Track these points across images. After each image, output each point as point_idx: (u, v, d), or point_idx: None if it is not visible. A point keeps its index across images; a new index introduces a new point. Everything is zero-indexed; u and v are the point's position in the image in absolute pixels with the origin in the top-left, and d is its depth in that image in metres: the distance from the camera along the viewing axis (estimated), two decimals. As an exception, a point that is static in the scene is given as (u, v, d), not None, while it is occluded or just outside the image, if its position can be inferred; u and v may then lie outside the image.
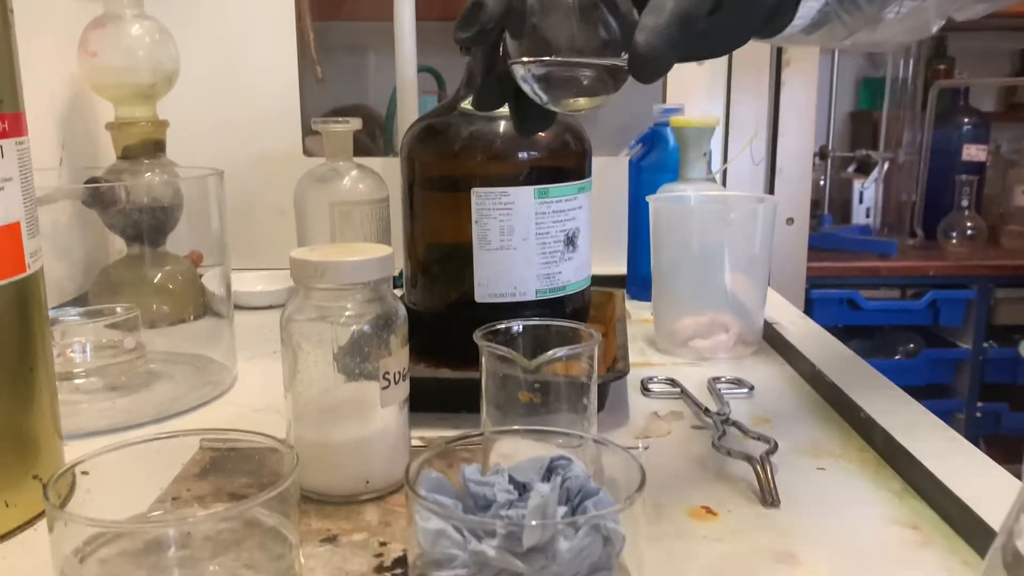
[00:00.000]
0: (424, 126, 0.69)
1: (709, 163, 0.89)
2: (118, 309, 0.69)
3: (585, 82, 0.44)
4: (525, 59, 0.44)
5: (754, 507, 0.48)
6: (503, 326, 0.51)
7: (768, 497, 0.48)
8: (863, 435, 0.58)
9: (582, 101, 0.46)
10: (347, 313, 0.47)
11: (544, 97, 0.45)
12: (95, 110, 0.99)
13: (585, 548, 0.36)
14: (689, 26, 0.39)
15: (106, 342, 0.68)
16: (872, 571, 0.42)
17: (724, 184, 1.14)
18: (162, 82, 0.85)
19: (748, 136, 1.12)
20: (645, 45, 0.38)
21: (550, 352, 0.47)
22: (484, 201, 0.65)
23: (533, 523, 0.35)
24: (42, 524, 0.46)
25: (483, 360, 0.49)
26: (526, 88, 0.45)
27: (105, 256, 0.82)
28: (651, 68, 0.39)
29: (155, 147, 0.85)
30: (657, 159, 0.94)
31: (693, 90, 1.12)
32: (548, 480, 0.39)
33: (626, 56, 0.40)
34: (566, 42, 0.43)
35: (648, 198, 0.78)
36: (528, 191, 0.65)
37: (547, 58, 0.43)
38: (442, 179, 0.69)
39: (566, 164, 0.68)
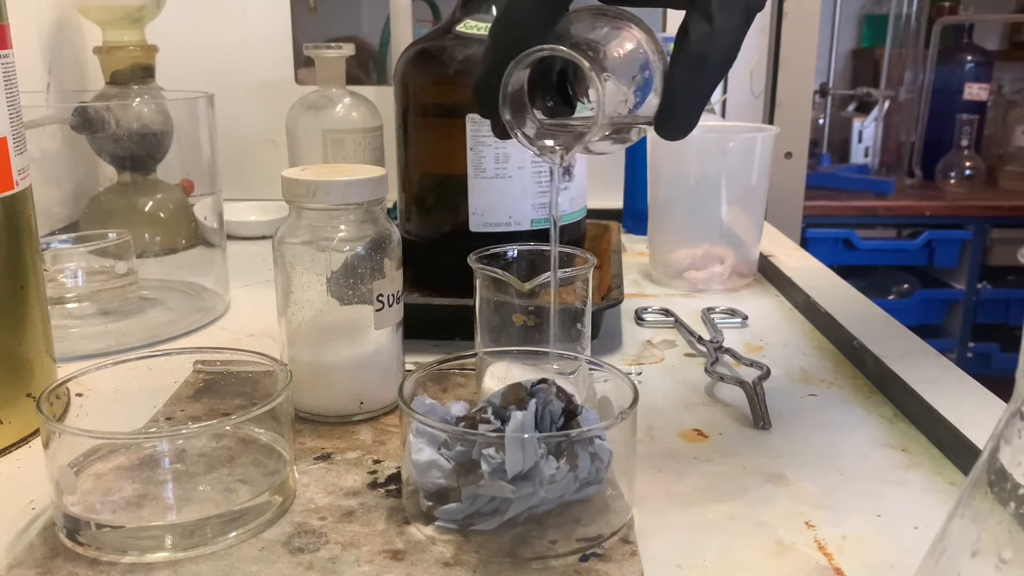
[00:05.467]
0: (418, 50, 0.68)
1: (708, 94, 0.87)
2: (110, 235, 0.68)
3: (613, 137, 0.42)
4: (555, 147, 0.40)
5: (745, 430, 0.48)
6: (498, 250, 0.51)
7: (760, 420, 0.49)
8: (855, 362, 0.58)
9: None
10: (340, 235, 0.47)
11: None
12: (83, 34, 0.97)
13: (568, 472, 0.36)
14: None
15: (98, 268, 0.68)
16: (860, 490, 0.42)
17: (723, 117, 1.13)
18: (150, 5, 0.83)
19: (748, 67, 1.11)
20: (676, 132, 0.39)
21: (544, 274, 0.47)
22: (479, 128, 0.64)
23: (512, 456, 0.35)
24: (37, 442, 0.46)
25: (477, 284, 0.49)
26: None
27: (95, 184, 0.81)
28: (683, 134, 0.40)
29: (144, 72, 0.83)
30: (655, 90, 0.92)
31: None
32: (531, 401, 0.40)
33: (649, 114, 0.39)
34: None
35: (645, 128, 0.77)
36: (524, 118, 0.64)
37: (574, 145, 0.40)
38: (436, 105, 0.68)
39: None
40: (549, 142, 0.40)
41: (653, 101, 0.39)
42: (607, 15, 0.40)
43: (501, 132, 0.40)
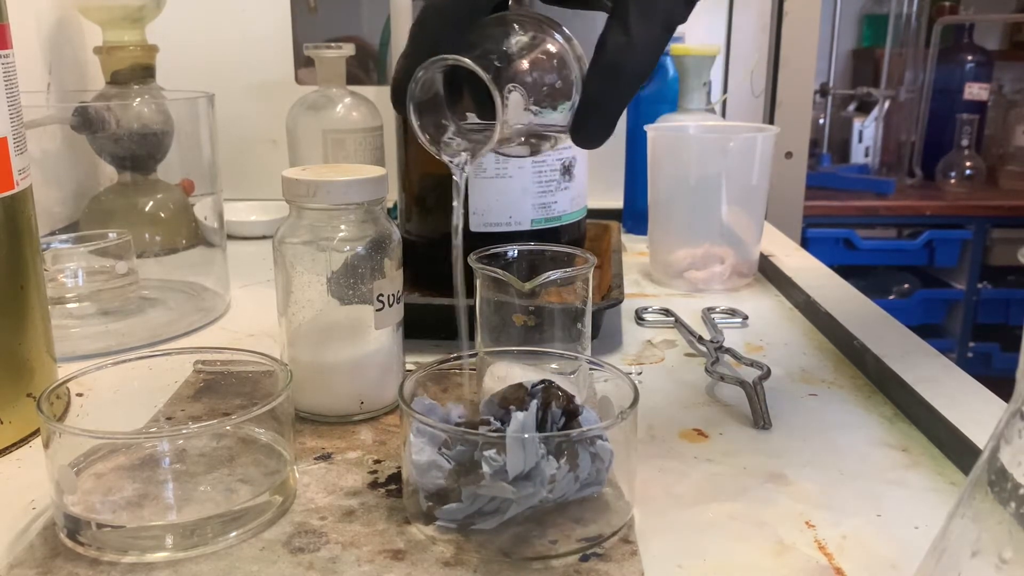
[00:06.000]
0: (419, 50, 0.68)
1: (708, 94, 0.88)
2: (110, 235, 0.68)
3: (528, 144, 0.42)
4: (460, 152, 0.41)
5: (745, 430, 0.48)
6: (498, 250, 0.51)
7: (760, 420, 0.49)
8: (856, 362, 0.58)
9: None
10: (340, 235, 0.47)
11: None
12: (83, 34, 0.97)
13: (569, 472, 0.36)
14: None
15: (98, 268, 0.68)
16: (860, 490, 0.42)
17: (723, 116, 1.13)
18: (151, 5, 0.83)
19: (748, 67, 1.11)
20: (590, 141, 0.40)
21: (545, 274, 0.47)
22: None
23: (513, 456, 0.35)
24: (38, 442, 0.46)
25: (478, 284, 0.49)
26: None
27: (96, 184, 0.81)
28: (598, 143, 0.40)
29: (144, 72, 0.83)
30: (656, 89, 0.92)
31: (694, 19, 1.09)
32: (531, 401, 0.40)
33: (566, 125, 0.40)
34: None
35: (646, 127, 0.77)
36: (524, 117, 0.64)
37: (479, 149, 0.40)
38: (437, 105, 0.68)
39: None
40: (454, 146, 0.41)
41: (570, 109, 0.40)
42: (529, 21, 0.41)
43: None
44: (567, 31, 0.41)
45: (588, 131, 0.40)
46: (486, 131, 0.40)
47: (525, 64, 0.39)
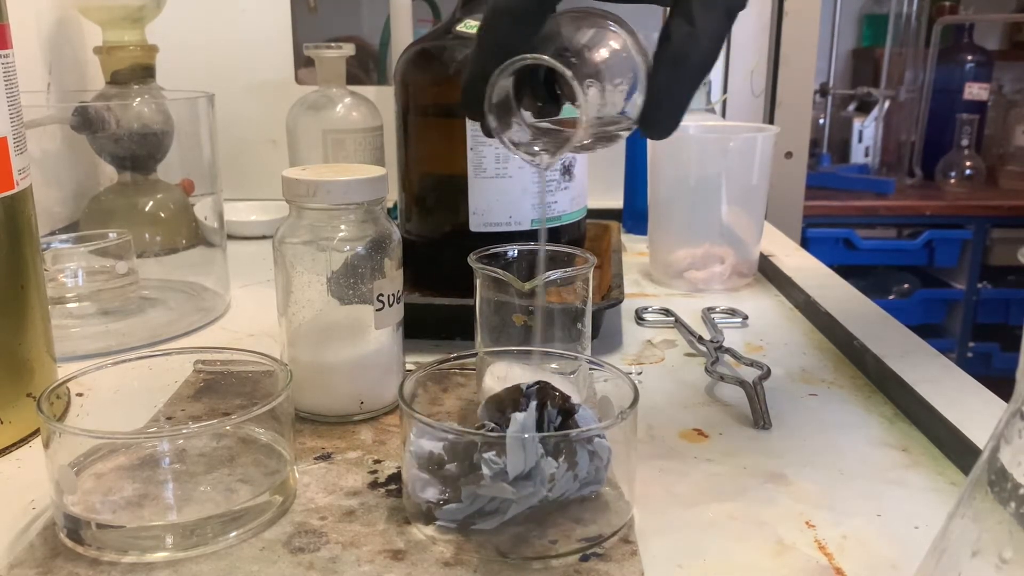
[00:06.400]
0: (418, 50, 0.68)
1: (708, 94, 0.88)
2: (110, 235, 0.68)
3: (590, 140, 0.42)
4: (541, 152, 0.40)
5: (745, 430, 0.48)
6: (498, 250, 0.51)
7: (760, 420, 0.49)
8: (856, 362, 0.58)
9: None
10: (340, 235, 0.47)
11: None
12: (83, 34, 0.97)
13: (568, 471, 0.37)
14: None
15: (98, 268, 0.68)
16: (860, 490, 0.42)
17: (723, 116, 1.13)
18: (151, 5, 0.83)
19: (748, 66, 1.11)
20: (660, 132, 0.40)
21: (545, 274, 0.47)
22: (479, 128, 0.64)
23: (513, 456, 0.35)
24: (38, 442, 0.46)
25: (477, 284, 0.49)
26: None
27: (96, 184, 0.81)
28: (667, 134, 0.41)
29: (144, 72, 0.83)
30: (655, 90, 0.92)
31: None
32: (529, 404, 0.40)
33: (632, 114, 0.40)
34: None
35: (646, 127, 0.77)
36: (524, 117, 0.64)
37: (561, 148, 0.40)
38: (436, 105, 0.68)
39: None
40: (536, 147, 0.40)
41: (637, 101, 0.40)
42: (592, 16, 0.41)
43: (489, 132, 0.41)
44: (628, 24, 0.41)
45: (658, 122, 0.40)
46: (559, 130, 0.40)
47: (596, 59, 0.39)
